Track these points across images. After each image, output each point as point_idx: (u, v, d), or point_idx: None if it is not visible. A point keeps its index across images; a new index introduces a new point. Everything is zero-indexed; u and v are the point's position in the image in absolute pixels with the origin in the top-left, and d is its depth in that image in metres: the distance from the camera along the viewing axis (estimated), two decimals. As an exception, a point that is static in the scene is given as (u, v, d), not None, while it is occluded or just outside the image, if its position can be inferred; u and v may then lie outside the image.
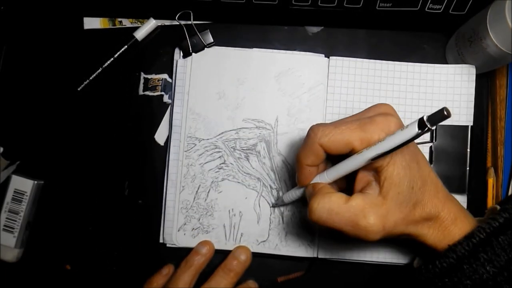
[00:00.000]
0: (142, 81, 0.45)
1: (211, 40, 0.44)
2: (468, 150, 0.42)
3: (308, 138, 0.33)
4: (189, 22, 0.44)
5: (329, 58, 0.44)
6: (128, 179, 0.45)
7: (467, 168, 0.42)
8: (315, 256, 0.42)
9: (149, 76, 0.45)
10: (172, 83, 0.45)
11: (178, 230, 0.43)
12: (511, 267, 0.29)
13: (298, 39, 0.45)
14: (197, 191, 0.43)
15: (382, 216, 0.30)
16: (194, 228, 0.43)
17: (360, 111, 0.34)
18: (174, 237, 0.43)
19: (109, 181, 0.45)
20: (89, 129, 0.45)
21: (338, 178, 0.33)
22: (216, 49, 0.44)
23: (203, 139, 0.43)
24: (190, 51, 0.44)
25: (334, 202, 0.31)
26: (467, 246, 0.30)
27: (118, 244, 0.44)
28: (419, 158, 0.32)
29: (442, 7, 0.41)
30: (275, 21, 0.44)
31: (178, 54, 0.45)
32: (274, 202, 0.43)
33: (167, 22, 0.45)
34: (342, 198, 0.31)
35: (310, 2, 0.41)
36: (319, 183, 0.34)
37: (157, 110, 0.45)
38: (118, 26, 0.46)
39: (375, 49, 0.45)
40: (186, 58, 0.44)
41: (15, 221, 0.43)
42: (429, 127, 0.27)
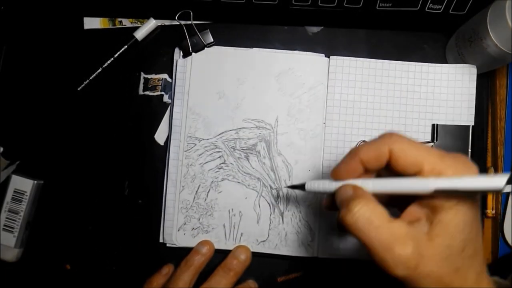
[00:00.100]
0: (142, 81, 0.45)
1: (211, 40, 0.44)
2: (469, 150, 0.42)
3: (381, 138, 0.29)
4: (189, 22, 0.44)
5: (329, 57, 0.44)
6: (128, 179, 0.45)
7: (467, 168, 0.42)
8: (315, 256, 0.42)
9: (149, 76, 0.45)
10: (172, 83, 0.45)
11: (178, 230, 0.43)
12: None
13: (298, 39, 0.45)
14: (197, 191, 0.43)
15: (420, 254, 0.26)
16: (194, 228, 0.43)
17: None
18: (174, 237, 0.43)
19: (109, 181, 0.45)
20: (89, 129, 0.45)
21: (383, 193, 0.29)
22: (216, 49, 0.44)
23: (203, 139, 0.43)
24: (190, 51, 0.44)
25: (378, 214, 0.27)
26: None
27: (118, 244, 0.44)
28: (479, 227, 0.28)
29: (442, 7, 0.41)
30: (275, 21, 0.44)
31: (178, 54, 0.45)
32: (292, 185, 0.40)
33: (167, 22, 0.45)
34: (386, 215, 0.27)
35: (310, 2, 0.41)
36: (361, 188, 0.30)
37: (157, 110, 0.45)
38: (118, 26, 0.46)
39: (375, 49, 0.45)
40: (186, 58, 0.44)
41: (15, 221, 0.43)
42: None
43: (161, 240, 0.43)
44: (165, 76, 0.45)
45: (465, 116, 0.43)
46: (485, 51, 0.37)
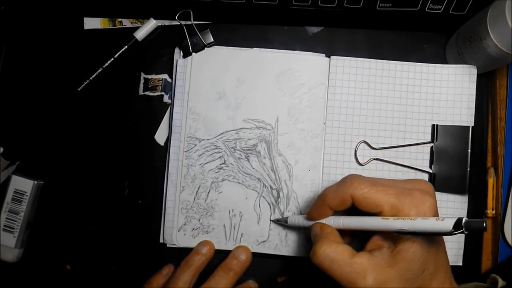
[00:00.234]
0: (142, 81, 0.45)
1: (211, 40, 0.44)
2: (469, 151, 0.42)
3: (342, 184, 0.33)
4: (189, 22, 0.44)
5: (329, 57, 0.44)
6: (128, 179, 0.45)
7: (468, 169, 0.42)
8: (315, 256, 0.42)
9: (149, 76, 0.45)
10: (172, 83, 0.45)
11: (178, 230, 0.43)
12: None
13: (298, 39, 0.45)
14: (197, 192, 0.43)
15: (381, 282, 0.30)
16: (194, 228, 0.43)
17: (398, 179, 0.34)
18: (174, 237, 0.43)
19: (109, 181, 0.44)
20: (89, 129, 0.45)
21: (351, 230, 0.34)
22: (216, 49, 0.44)
23: (203, 139, 0.43)
24: (190, 51, 0.44)
25: (339, 254, 0.31)
26: None
27: (118, 244, 0.44)
28: (441, 243, 0.32)
29: (442, 7, 0.41)
30: (275, 21, 0.44)
31: (178, 54, 0.45)
32: (276, 218, 0.43)
33: (167, 22, 0.45)
34: (347, 252, 0.31)
35: (310, 2, 0.41)
36: (328, 227, 0.34)
37: (157, 110, 0.45)
38: (118, 26, 0.45)
39: (375, 49, 0.45)
40: (186, 58, 0.44)
41: (15, 221, 0.43)
42: (463, 231, 0.27)
43: (161, 240, 0.43)
44: (165, 76, 0.45)
45: (465, 116, 0.43)
46: (485, 51, 0.37)
